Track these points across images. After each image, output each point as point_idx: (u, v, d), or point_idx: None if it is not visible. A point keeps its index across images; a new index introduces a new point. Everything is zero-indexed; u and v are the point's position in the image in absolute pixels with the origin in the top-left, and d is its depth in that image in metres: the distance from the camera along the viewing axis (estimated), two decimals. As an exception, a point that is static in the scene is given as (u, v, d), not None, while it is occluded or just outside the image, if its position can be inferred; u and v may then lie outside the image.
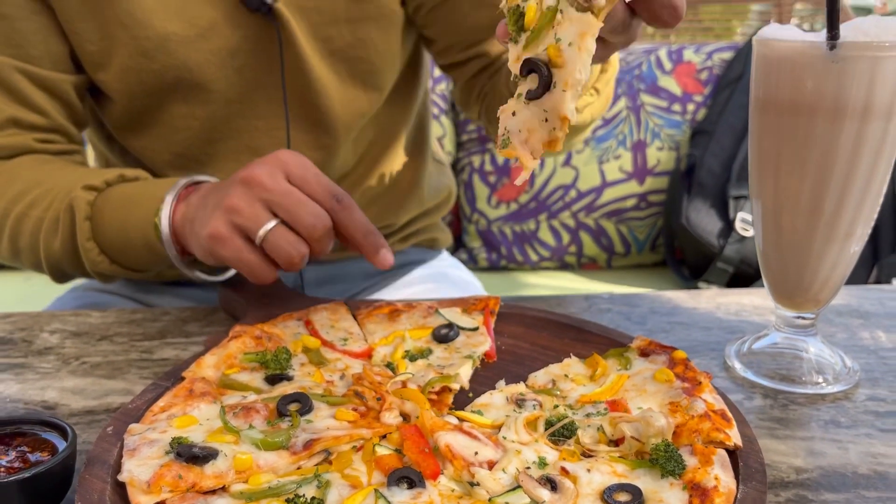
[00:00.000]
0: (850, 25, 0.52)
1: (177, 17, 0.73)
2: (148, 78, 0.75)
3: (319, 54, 0.78)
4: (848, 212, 0.55)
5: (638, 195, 1.46)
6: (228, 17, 0.74)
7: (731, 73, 1.49)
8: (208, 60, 0.75)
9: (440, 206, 1.00)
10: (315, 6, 0.76)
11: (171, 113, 0.78)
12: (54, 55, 0.76)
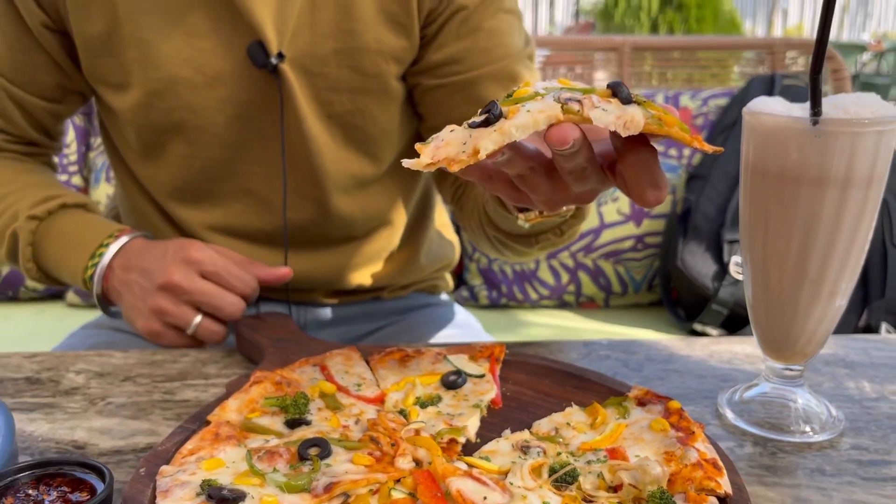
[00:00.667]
0: (831, 102, 0.56)
1: (187, 64, 0.78)
2: (156, 115, 0.80)
3: (317, 115, 0.83)
4: (832, 272, 0.59)
5: (635, 237, 1.50)
6: (235, 70, 0.79)
7: (726, 119, 1.55)
8: (212, 106, 0.80)
9: (440, 270, 1.05)
10: (320, 72, 0.80)
11: (175, 150, 0.83)
12: (42, 86, 0.85)
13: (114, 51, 0.79)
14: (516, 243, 0.81)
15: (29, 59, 0.81)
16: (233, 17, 0.77)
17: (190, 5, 0.77)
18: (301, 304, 0.94)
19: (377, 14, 0.81)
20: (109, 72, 0.80)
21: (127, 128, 0.84)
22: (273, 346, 0.72)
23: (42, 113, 0.85)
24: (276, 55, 0.78)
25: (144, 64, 0.78)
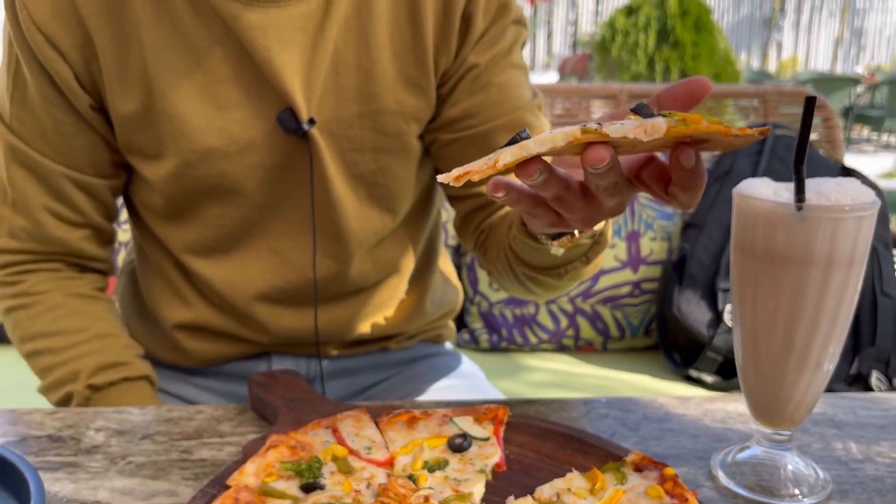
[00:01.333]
0: (814, 188, 0.60)
1: (220, 135, 0.82)
2: (189, 183, 0.84)
3: (343, 175, 0.86)
4: (817, 345, 0.62)
5: (632, 283, 1.54)
6: (266, 138, 0.83)
7: (720, 168, 1.59)
8: (244, 172, 0.84)
9: (444, 315, 1.08)
10: (345, 134, 0.85)
11: (206, 212, 0.87)
12: (98, 164, 0.87)
13: (148, 126, 0.82)
14: (546, 276, 0.83)
15: (85, 142, 0.85)
16: (262, 87, 0.81)
17: (220, 79, 0.81)
18: (310, 356, 0.97)
19: (397, 77, 0.85)
20: (144, 145, 0.84)
21: (154, 193, 0.87)
22: (286, 406, 0.75)
23: (104, 191, 0.88)
24: (308, 121, 0.82)
25: (178, 137, 0.82)
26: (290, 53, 0.80)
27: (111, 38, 0.79)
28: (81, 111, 0.83)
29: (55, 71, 0.80)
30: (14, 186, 0.86)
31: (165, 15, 0.79)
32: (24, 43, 0.80)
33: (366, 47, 0.84)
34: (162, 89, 0.81)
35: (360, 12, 0.83)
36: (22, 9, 0.79)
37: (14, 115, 0.84)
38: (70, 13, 0.79)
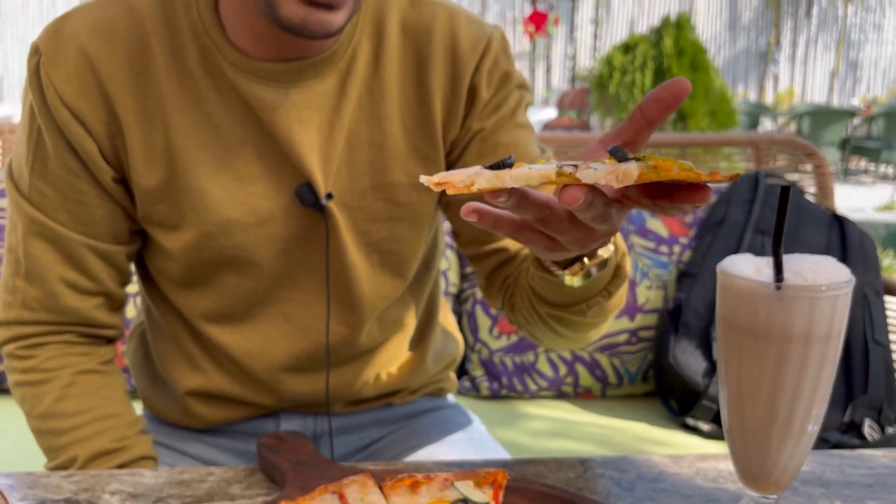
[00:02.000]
0: (792, 268, 0.64)
1: (240, 207, 0.86)
2: (208, 253, 0.87)
3: (357, 245, 0.90)
4: (799, 415, 0.66)
5: (629, 331, 1.57)
6: (284, 210, 0.87)
7: (714, 217, 1.64)
8: (262, 243, 0.88)
9: (446, 368, 1.12)
10: (359, 206, 0.89)
11: (223, 281, 0.90)
12: (116, 233, 0.89)
13: (170, 198, 0.86)
14: (569, 314, 0.83)
15: (106, 212, 0.87)
16: (280, 161, 0.85)
17: (241, 154, 0.85)
18: (317, 414, 1.01)
19: (407, 151, 0.89)
20: (164, 216, 0.87)
21: (172, 262, 0.90)
22: (293, 470, 0.78)
23: (121, 258, 0.90)
24: (326, 196, 0.86)
25: (199, 209, 0.85)
26: (308, 132, 0.85)
27: (137, 114, 0.83)
28: (103, 183, 0.86)
29: (80, 145, 0.83)
30: (30, 258, 0.87)
31: (189, 94, 0.83)
32: (50, 117, 0.83)
33: (378, 124, 0.88)
34: (185, 164, 0.84)
35: (372, 90, 0.88)
36: (48, 86, 0.82)
37: (34, 187, 0.86)
38: (96, 90, 0.82)
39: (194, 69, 0.83)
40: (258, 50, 0.83)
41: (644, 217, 1.64)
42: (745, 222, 1.60)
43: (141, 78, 0.83)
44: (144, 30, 0.83)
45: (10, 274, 0.89)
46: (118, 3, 0.83)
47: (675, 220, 1.65)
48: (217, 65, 0.83)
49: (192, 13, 0.83)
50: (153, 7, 0.83)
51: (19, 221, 0.87)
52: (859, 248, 1.62)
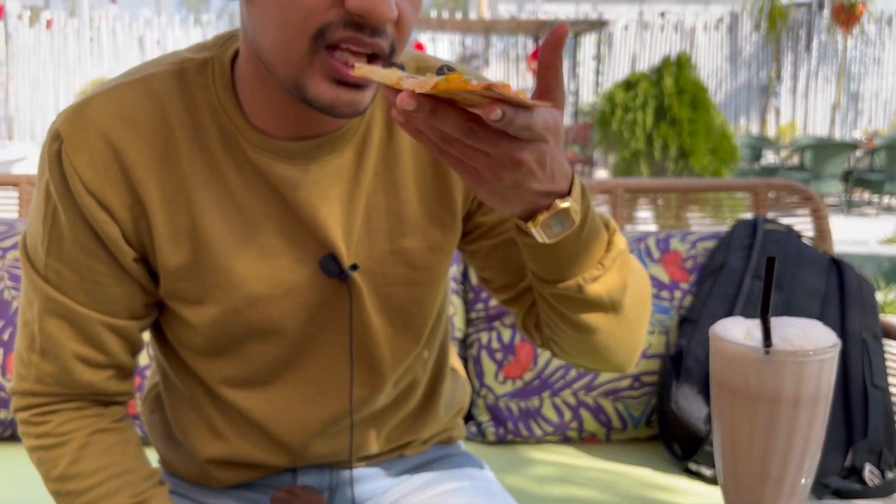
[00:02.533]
0: (779, 333, 0.67)
1: (265, 281, 0.88)
2: (233, 327, 0.90)
3: (378, 309, 0.93)
4: (791, 472, 0.69)
5: (632, 376, 1.60)
6: (308, 281, 0.89)
7: (713, 263, 1.67)
8: (287, 313, 0.90)
9: (456, 415, 1.15)
10: (379, 271, 0.91)
11: (248, 349, 0.92)
12: (132, 309, 0.90)
13: (195, 276, 0.87)
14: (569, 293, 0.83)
15: (123, 290, 0.88)
16: (303, 234, 0.88)
17: (265, 230, 0.87)
18: (332, 468, 1.03)
19: (423, 216, 0.92)
20: (189, 293, 0.88)
21: (196, 334, 0.91)
22: (307, 525, 0.81)
23: (135, 332, 0.92)
24: (350, 267, 0.88)
25: (225, 286, 0.87)
26: (330, 206, 0.87)
27: (161, 196, 0.84)
28: (124, 264, 0.87)
29: (102, 230, 0.84)
30: (46, 335, 0.87)
31: (212, 173, 0.85)
32: (71, 203, 0.84)
33: (394, 192, 0.91)
34: (209, 242, 0.86)
35: (387, 160, 0.91)
36: (71, 173, 0.82)
37: (49, 266, 0.86)
38: (120, 176, 0.83)
39: (215, 150, 0.85)
40: (278, 129, 0.85)
41: (646, 263, 1.68)
42: (743, 268, 1.64)
43: (164, 161, 0.84)
44: (165, 113, 0.85)
45: (24, 348, 0.90)
46: (138, 88, 0.85)
47: (676, 266, 1.69)
48: (238, 145, 0.85)
49: (210, 95, 0.86)
50: (172, 90, 0.85)
51: (35, 298, 0.88)
52: (857, 292, 1.65)
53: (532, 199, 0.71)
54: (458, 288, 1.73)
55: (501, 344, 1.65)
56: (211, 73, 0.86)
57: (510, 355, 1.64)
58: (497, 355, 1.64)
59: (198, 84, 0.86)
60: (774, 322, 0.68)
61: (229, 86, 0.86)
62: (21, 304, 0.91)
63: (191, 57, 0.88)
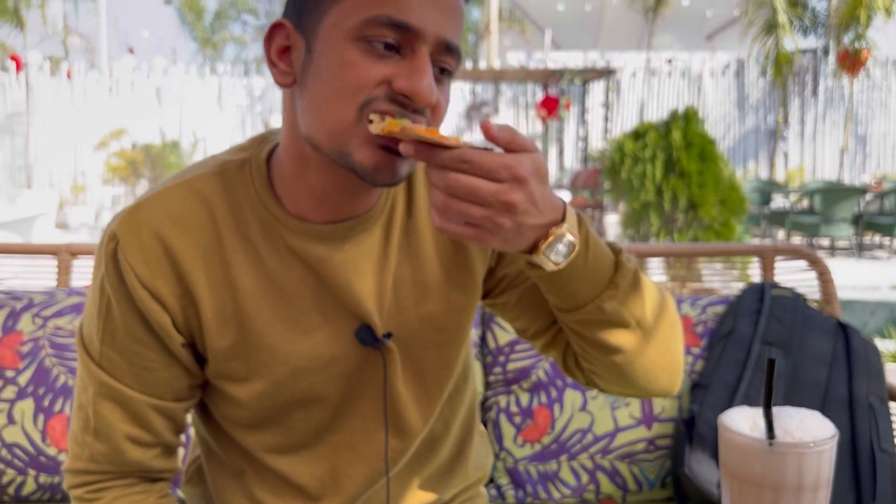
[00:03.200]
0: (781, 425, 0.74)
1: (306, 356, 0.97)
2: (278, 399, 0.98)
3: (409, 373, 1.02)
4: (795, 553, 0.75)
5: (647, 440, 1.65)
6: (345, 351, 0.98)
7: (723, 328, 1.73)
8: (327, 382, 0.99)
9: (482, 478, 1.21)
10: (410, 336, 1.00)
11: (291, 418, 1.01)
12: (177, 391, 0.99)
13: (241, 356, 0.96)
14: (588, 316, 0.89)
15: (170, 375, 0.97)
16: (338, 309, 0.97)
17: (304, 309, 0.96)
18: None
19: (445, 282, 1.01)
20: (236, 371, 0.97)
21: (242, 408, 0.99)
22: None
23: (180, 413, 1.00)
24: (385, 336, 0.97)
25: (269, 362, 0.96)
26: (364, 281, 0.97)
27: (208, 286, 0.94)
28: (172, 349, 0.95)
29: (155, 320, 0.93)
30: (99, 417, 0.95)
31: (254, 261, 0.95)
32: (126, 296, 0.92)
33: (418, 263, 1.00)
34: (253, 324, 0.95)
35: (409, 233, 1.00)
36: (128, 270, 0.91)
37: (103, 354, 0.95)
38: (171, 270, 0.92)
39: (256, 239, 0.95)
40: (314, 214, 0.95)
41: (657, 328, 1.75)
42: (752, 334, 1.70)
43: (209, 254, 0.94)
44: (210, 210, 0.94)
45: (79, 429, 0.98)
46: (184, 189, 0.95)
47: (687, 331, 1.75)
48: (277, 232, 0.95)
49: (249, 190, 0.95)
50: (216, 189, 0.95)
51: (90, 383, 0.97)
52: (863, 356, 1.71)
53: (533, 235, 0.80)
54: (477, 352, 1.80)
55: (520, 408, 1.71)
56: (249, 171, 0.96)
57: (528, 419, 1.70)
58: (515, 419, 1.70)
59: (238, 182, 0.96)
60: (776, 414, 0.75)
61: (266, 180, 0.95)
62: (77, 388, 1.00)
63: (230, 158, 0.97)
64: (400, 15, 0.82)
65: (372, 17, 0.83)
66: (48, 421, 1.61)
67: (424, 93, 0.83)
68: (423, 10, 0.83)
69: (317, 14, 0.86)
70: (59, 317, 1.67)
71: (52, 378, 1.63)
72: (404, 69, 0.84)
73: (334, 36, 0.85)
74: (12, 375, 1.61)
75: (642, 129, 5.55)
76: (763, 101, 13.77)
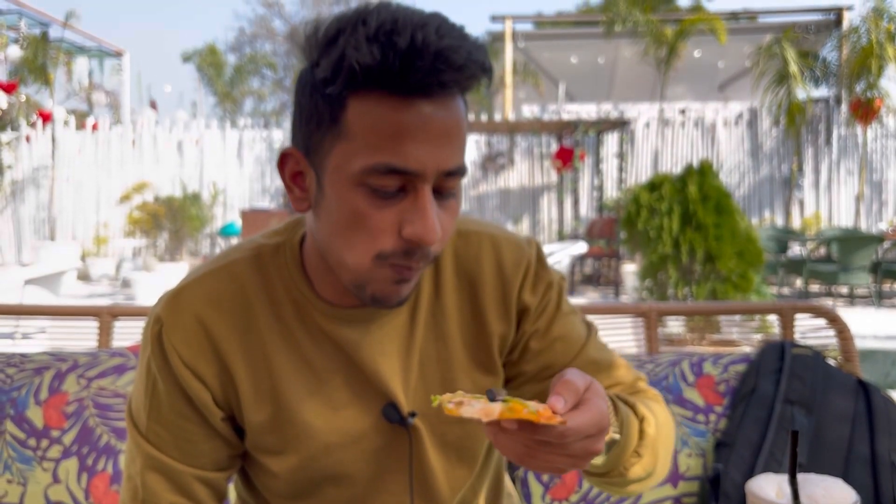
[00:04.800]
0: (807, 494, 0.79)
1: (336, 432, 1.03)
2: (311, 472, 1.04)
3: (435, 446, 1.07)
4: None
5: (673, 498, 1.68)
6: (373, 427, 1.04)
7: (745, 387, 1.77)
8: (356, 458, 1.04)
9: None
10: (435, 413, 1.06)
11: (324, 493, 1.06)
12: (218, 462, 1.05)
13: (276, 430, 1.02)
14: (613, 478, 0.99)
15: (211, 447, 1.04)
16: (365, 387, 1.03)
17: (334, 386, 1.03)
18: None
19: (469, 363, 1.07)
20: (271, 444, 1.03)
21: (278, 480, 1.06)
22: None
23: (222, 482, 1.06)
24: (410, 415, 1.02)
25: (302, 437, 1.02)
26: (390, 361, 1.03)
27: (244, 365, 1.01)
28: (213, 423, 1.02)
29: (196, 396, 1.00)
30: (146, 488, 1.02)
31: (287, 340, 1.02)
32: (170, 375, 1.00)
33: (443, 343, 1.06)
34: (288, 401, 1.02)
35: (435, 314, 1.06)
36: (171, 350, 0.99)
37: (150, 429, 1.02)
38: (210, 350, 1.00)
39: (290, 319, 1.02)
40: (342, 300, 1.02)
41: (681, 387, 1.79)
42: (773, 393, 1.73)
43: (246, 334, 1.01)
44: (246, 294, 1.02)
45: (128, 499, 1.04)
46: (222, 274, 1.02)
47: (710, 390, 1.79)
48: (309, 314, 1.02)
49: (284, 274, 1.02)
50: (252, 274, 1.02)
51: (138, 455, 1.03)
52: (885, 414, 1.74)
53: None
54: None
55: (547, 466, 1.75)
56: (283, 256, 1.03)
57: (556, 478, 1.73)
58: (544, 478, 1.74)
59: (273, 265, 1.03)
60: (801, 482, 0.80)
61: (299, 265, 1.02)
62: (126, 460, 1.07)
63: (265, 242, 1.05)
64: (400, 163, 0.85)
65: (372, 165, 0.85)
66: (91, 480, 1.66)
67: (430, 237, 0.87)
68: (422, 154, 0.85)
69: (322, 150, 0.89)
70: (102, 378, 1.74)
71: (96, 437, 1.69)
72: (409, 212, 0.88)
73: (340, 179, 0.88)
74: (58, 435, 1.67)
75: (658, 180, 5.63)
76: (777, 150, 13.85)
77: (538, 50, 16.29)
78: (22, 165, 14.55)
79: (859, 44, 12.64)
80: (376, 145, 0.85)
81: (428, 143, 0.85)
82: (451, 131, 0.87)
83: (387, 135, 0.84)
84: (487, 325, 1.07)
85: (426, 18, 0.82)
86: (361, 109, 0.84)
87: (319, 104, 0.86)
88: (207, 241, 14.11)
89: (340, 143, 0.87)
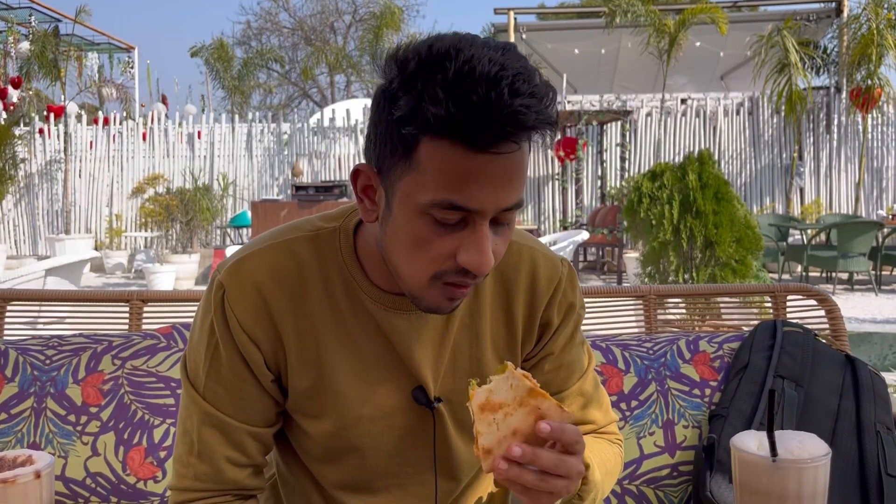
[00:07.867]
0: (783, 445, 0.89)
1: (369, 404, 1.13)
2: (342, 440, 1.15)
3: (457, 429, 1.18)
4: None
5: (670, 466, 1.79)
6: (402, 406, 1.14)
7: (738, 362, 1.88)
8: (383, 432, 1.15)
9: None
10: (459, 401, 1.16)
11: (350, 460, 1.17)
12: (268, 419, 1.16)
13: (316, 397, 1.13)
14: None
15: (263, 405, 1.14)
16: (400, 368, 1.13)
17: (372, 363, 1.13)
18: None
19: (495, 361, 1.18)
20: (310, 409, 1.14)
21: (313, 442, 1.17)
22: None
23: (269, 437, 1.17)
24: (435, 399, 1.13)
25: (338, 406, 1.13)
26: (424, 349, 1.13)
27: (295, 335, 1.11)
28: (264, 385, 1.13)
29: (251, 358, 1.10)
30: (202, 442, 1.12)
31: (335, 317, 1.12)
32: (230, 338, 1.10)
33: (476, 340, 1.17)
34: (329, 371, 1.12)
35: (472, 313, 1.17)
36: (231, 316, 1.09)
37: (208, 387, 1.12)
38: (267, 318, 1.10)
39: (339, 298, 1.12)
40: (389, 286, 1.12)
41: (678, 364, 1.90)
42: (766, 367, 1.84)
43: (299, 307, 1.11)
44: (302, 271, 1.12)
45: (184, 452, 1.14)
46: (283, 249, 1.12)
47: (705, 366, 1.90)
48: (357, 296, 1.12)
49: (338, 258, 1.13)
50: (310, 253, 1.12)
51: (194, 412, 1.13)
52: (870, 386, 1.85)
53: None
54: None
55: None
56: (338, 240, 1.13)
57: (561, 449, 1.85)
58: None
59: (328, 248, 1.13)
60: (779, 436, 0.91)
61: (352, 250, 1.13)
62: (181, 415, 1.17)
63: (323, 226, 1.15)
64: (464, 202, 0.92)
65: (439, 200, 0.93)
66: (128, 452, 1.78)
67: (484, 268, 0.96)
68: (483, 195, 0.92)
69: (394, 175, 0.97)
70: (135, 358, 1.85)
71: (131, 413, 1.81)
72: (467, 241, 0.95)
73: (408, 205, 0.96)
74: (95, 411, 1.79)
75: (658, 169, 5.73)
76: (777, 138, 13.91)
77: (541, 41, 16.32)
78: (35, 159, 14.65)
79: (859, 32, 12.69)
80: (444, 184, 0.91)
81: (490, 185, 0.91)
82: (513, 175, 0.93)
83: (454, 177, 0.90)
84: (515, 331, 1.18)
85: (501, 70, 0.85)
86: (433, 151, 0.90)
87: (395, 136, 0.92)
88: (218, 232, 14.22)
89: (411, 174, 0.93)
